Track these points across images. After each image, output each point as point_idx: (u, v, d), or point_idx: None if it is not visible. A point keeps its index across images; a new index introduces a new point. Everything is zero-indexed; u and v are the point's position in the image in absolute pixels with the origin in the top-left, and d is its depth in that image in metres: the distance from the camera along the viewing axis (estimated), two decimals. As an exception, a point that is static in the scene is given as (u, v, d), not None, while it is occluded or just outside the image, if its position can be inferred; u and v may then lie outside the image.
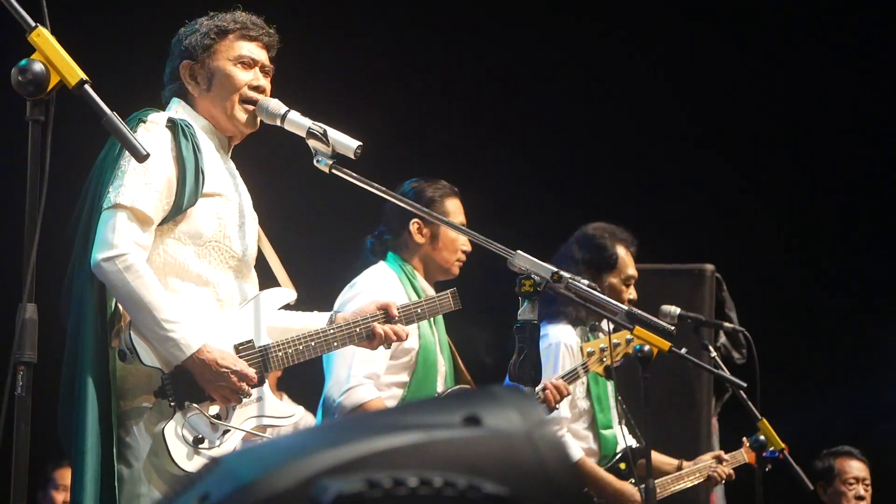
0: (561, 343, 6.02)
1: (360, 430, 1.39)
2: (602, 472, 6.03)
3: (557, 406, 5.71)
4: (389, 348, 4.61)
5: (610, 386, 6.15)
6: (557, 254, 6.24)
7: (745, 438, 6.47)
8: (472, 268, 5.74)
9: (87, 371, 3.99)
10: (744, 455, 6.47)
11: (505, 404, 1.40)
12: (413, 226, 5.64)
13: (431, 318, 5.62)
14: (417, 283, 5.58)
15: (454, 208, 5.70)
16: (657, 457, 6.34)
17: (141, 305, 3.98)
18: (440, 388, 5.50)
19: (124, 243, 3.99)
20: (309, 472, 1.31)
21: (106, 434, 4.00)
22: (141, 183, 4.06)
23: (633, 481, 6.01)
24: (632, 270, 6.28)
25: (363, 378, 5.33)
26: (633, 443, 6.17)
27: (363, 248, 5.78)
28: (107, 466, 3.99)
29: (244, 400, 4.17)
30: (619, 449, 6.13)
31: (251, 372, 4.14)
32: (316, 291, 4.81)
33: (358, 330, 4.45)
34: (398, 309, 4.56)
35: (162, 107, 4.38)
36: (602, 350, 5.79)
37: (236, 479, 1.35)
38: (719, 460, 6.42)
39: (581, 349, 5.95)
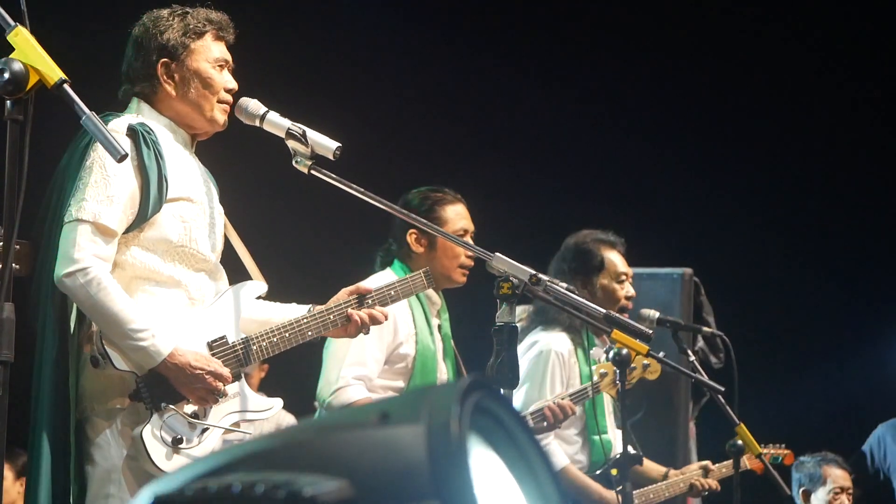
0: (552, 351, 6.05)
1: (263, 437, 1.43)
2: (586, 480, 6.05)
3: (559, 425, 5.73)
4: (368, 333, 4.56)
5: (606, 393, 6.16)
6: (550, 270, 6.29)
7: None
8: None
9: (47, 379, 3.98)
10: (746, 462, 6.48)
11: (422, 402, 1.40)
12: (410, 236, 5.64)
13: (437, 328, 5.63)
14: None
15: (453, 214, 5.69)
16: (647, 464, 6.36)
17: (107, 317, 3.97)
18: None
19: (85, 257, 3.97)
20: (185, 479, 1.36)
21: (62, 442, 3.98)
22: (103, 196, 4.02)
23: (624, 488, 6.03)
24: (622, 268, 6.32)
25: (352, 379, 5.33)
26: (629, 450, 6.17)
27: (374, 261, 5.78)
28: (62, 474, 3.98)
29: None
30: (612, 455, 6.13)
31: (225, 371, 4.13)
32: (290, 284, 4.80)
33: (331, 318, 4.41)
34: (373, 293, 4.51)
35: (120, 106, 4.33)
36: (616, 372, 5.80)
37: (150, 488, 1.40)
38: (706, 471, 6.45)
39: (593, 370, 5.96)
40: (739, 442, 6.00)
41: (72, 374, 4.02)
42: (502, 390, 4.10)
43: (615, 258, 6.33)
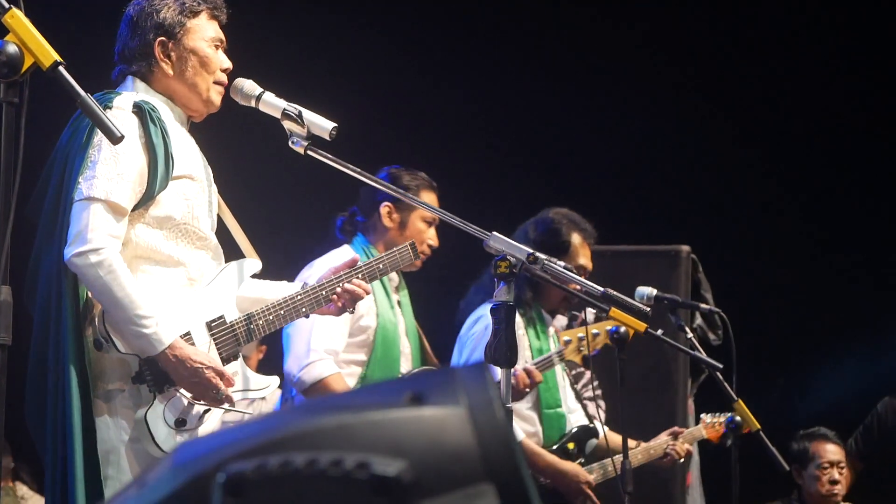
0: None
1: (298, 412, 1.41)
2: (543, 453, 6.02)
3: (528, 390, 5.72)
4: (354, 312, 4.59)
5: (559, 366, 6.13)
6: (515, 232, 6.18)
7: (703, 415, 6.51)
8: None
9: (70, 362, 3.97)
10: (702, 431, 6.50)
11: (455, 383, 1.40)
12: (384, 209, 5.65)
13: (397, 302, 5.63)
14: None
15: (429, 202, 5.67)
16: (612, 437, 6.37)
17: (114, 301, 3.97)
18: (404, 369, 5.49)
19: (97, 237, 3.97)
20: (224, 456, 1.34)
21: (89, 424, 4.00)
22: (113, 174, 4.03)
23: (582, 462, 6.04)
24: (584, 261, 6.20)
25: (323, 353, 5.32)
26: (584, 422, 6.18)
27: (333, 225, 5.78)
28: (92, 456, 4.00)
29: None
30: (567, 429, 6.13)
31: (227, 372, 4.13)
32: (282, 261, 4.82)
33: (324, 293, 4.43)
34: (361, 266, 4.53)
35: (113, 87, 4.32)
36: (580, 339, 5.81)
37: (170, 463, 1.38)
38: (675, 436, 6.42)
39: (557, 336, 5.95)
40: (738, 418, 6.01)
41: (86, 354, 4.03)
42: (501, 369, 4.11)
43: (581, 249, 6.20)
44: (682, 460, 6.45)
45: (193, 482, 1.33)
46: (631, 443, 6.41)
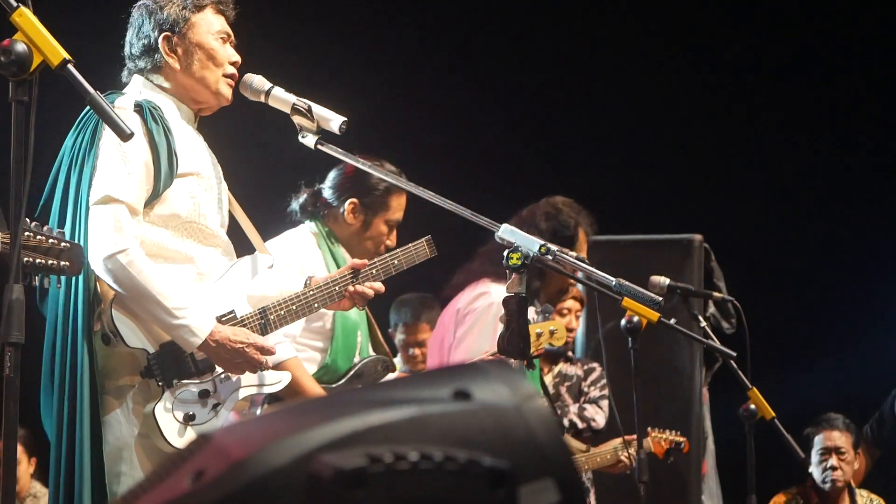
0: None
1: (353, 405, 1.40)
2: None
3: None
4: (363, 308, 4.63)
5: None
6: (520, 216, 6.08)
7: (648, 429, 6.51)
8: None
9: (81, 358, 3.98)
10: (650, 444, 6.51)
11: (493, 378, 1.41)
12: (349, 205, 5.53)
13: None
14: (336, 250, 5.49)
15: (397, 205, 5.56)
16: (570, 441, 6.35)
17: (148, 298, 3.99)
18: (356, 358, 5.43)
19: (122, 239, 3.99)
20: (305, 448, 1.32)
21: (96, 419, 4.01)
22: (123, 173, 4.04)
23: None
24: (582, 254, 6.18)
25: (281, 336, 5.30)
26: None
27: (294, 199, 5.66)
28: (98, 453, 4.01)
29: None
30: None
31: (267, 343, 4.19)
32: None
33: (337, 289, 4.51)
34: (375, 262, 4.62)
35: (120, 85, 4.33)
36: (551, 332, 5.78)
37: (229, 455, 1.34)
38: (626, 444, 6.40)
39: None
40: (752, 406, 6.00)
41: (95, 350, 4.04)
42: (514, 361, 4.09)
43: (583, 243, 6.10)
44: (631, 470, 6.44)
45: (273, 474, 1.31)
46: (580, 446, 6.42)
